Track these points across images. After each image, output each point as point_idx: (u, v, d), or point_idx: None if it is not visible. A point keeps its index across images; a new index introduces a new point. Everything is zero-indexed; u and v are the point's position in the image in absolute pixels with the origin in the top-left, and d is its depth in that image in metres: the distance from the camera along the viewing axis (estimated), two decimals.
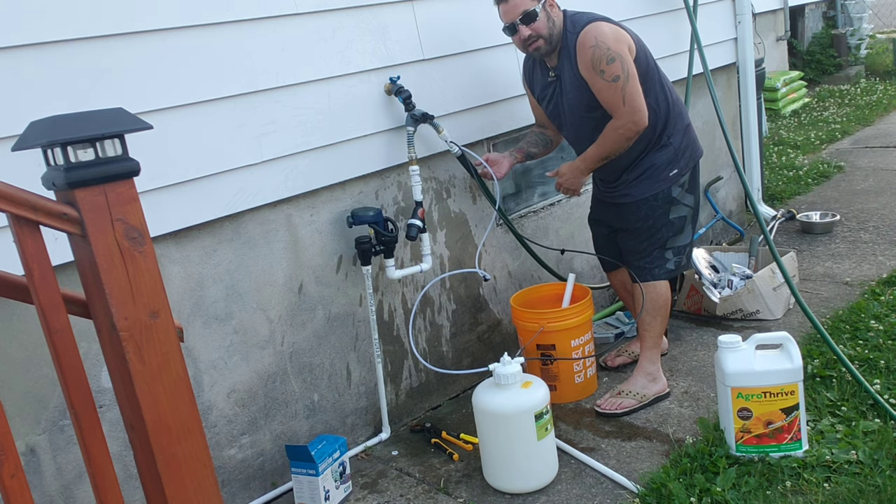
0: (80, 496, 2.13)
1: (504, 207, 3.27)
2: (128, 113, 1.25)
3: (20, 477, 1.21)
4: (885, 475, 2.18)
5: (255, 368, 2.48)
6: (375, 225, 2.61)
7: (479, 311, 3.18)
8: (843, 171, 5.65)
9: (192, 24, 2.21)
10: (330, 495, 2.42)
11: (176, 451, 1.32)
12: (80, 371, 1.27)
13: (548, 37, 2.57)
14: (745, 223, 4.76)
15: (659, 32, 3.74)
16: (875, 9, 11.63)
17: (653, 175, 2.71)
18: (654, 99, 2.62)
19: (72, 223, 1.21)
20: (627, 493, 2.33)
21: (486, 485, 2.45)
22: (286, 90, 2.44)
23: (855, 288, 3.57)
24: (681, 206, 2.76)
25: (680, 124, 2.73)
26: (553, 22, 2.57)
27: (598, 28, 2.51)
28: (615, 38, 2.50)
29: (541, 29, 2.55)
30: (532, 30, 2.55)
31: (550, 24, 2.56)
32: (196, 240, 2.32)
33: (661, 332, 2.88)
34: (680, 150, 2.72)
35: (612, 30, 2.53)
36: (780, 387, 2.31)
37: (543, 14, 2.55)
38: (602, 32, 2.50)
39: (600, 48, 2.47)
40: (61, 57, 1.98)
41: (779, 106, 7.93)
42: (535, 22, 2.54)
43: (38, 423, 2.05)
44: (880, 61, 9.98)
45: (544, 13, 2.55)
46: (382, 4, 2.67)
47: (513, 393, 2.36)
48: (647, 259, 2.79)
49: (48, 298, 1.23)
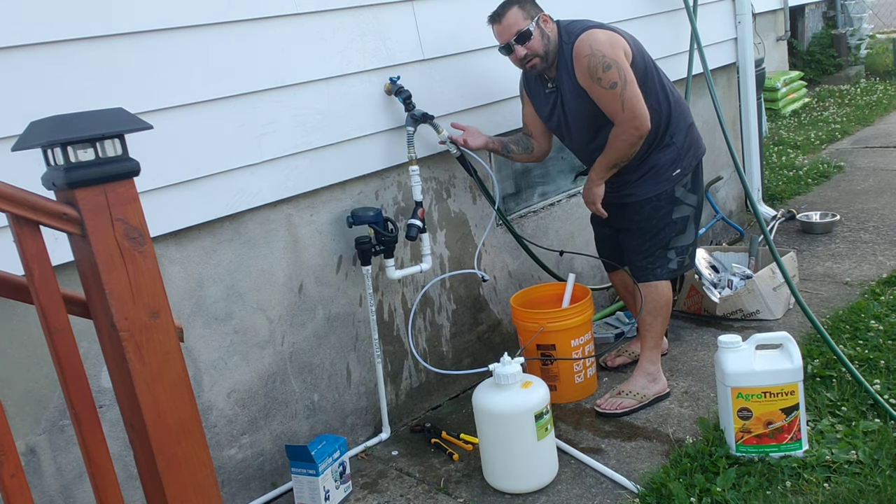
0: (80, 496, 2.13)
1: (504, 207, 3.28)
2: (128, 113, 1.25)
3: (20, 477, 1.21)
4: (885, 475, 2.18)
5: (255, 368, 2.48)
6: (375, 225, 2.61)
7: (479, 312, 3.18)
8: (843, 171, 5.65)
9: (193, 24, 2.21)
10: (330, 495, 2.42)
11: (176, 451, 1.32)
12: (80, 371, 1.27)
13: (543, 54, 2.58)
14: (745, 223, 4.76)
15: (659, 32, 3.74)
16: (875, 9, 11.63)
17: (656, 175, 2.71)
18: (654, 100, 2.62)
19: (72, 223, 1.21)
20: (627, 493, 2.33)
21: (486, 485, 2.45)
22: (286, 90, 2.44)
23: (855, 288, 3.57)
24: (684, 206, 2.76)
25: (682, 124, 2.73)
26: (548, 38, 2.57)
27: (593, 36, 2.50)
28: (610, 45, 2.49)
29: (536, 47, 2.56)
30: (527, 49, 2.56)
31: (545, 42, 2.56)
32: (196, 240, 2.32)
33: (661, 333, 2.88)
34: (683, 149, 2.72)
35: (607, 36, 2.52)
36: (780, 387, 2.31)
37: (538, 31, 2.55)
38: (597, 40, 2.49)
39: (596, 56, 2.47)
40: (61, 57, 1.98)
41: (779, 106, 7.94)
42: (529, 41, 2.55)
43: (38, 423, 2.05)
44: (880, 61, 9.98)
45: (538, 30, 2.55)
46: (382, 4, 2.67)
47: (513, 393, 2.36)
48: (649, 259, 2.79)
49: (48, 298, 1.22)
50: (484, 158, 2.98)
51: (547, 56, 2.59)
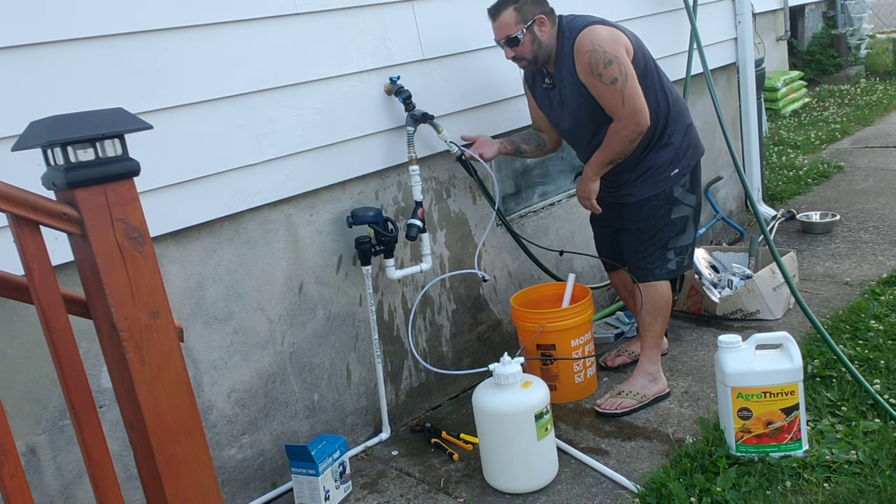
0: (80, 496, 2.13)
1: (504, 207, 3.28)
2: (128, 113, 1.25)
3: (20, 477, 1.21)
4: (885, 475, 2.18)
5: (255, 368, 2.48)
6: (375, 225, 2.61)
7: (479, 311, 3.18)
8: (843, 171, 5.65)
9: (193, 23, 2.21)
10: (330, 495, 2.42)
11: (176, 451, 1.32)
12: (80, 371, 1.27)
13: (532, 59, 2.60)
14: (745, 223, 4.76)
15: (659, 32, 3.74)
16: (875, 9, 11.63)
17: (654, 175, 2.71)
18: (653, 98, 2.62)
19: (72, 223, 1.21)
20: (627, 493, 2.33)
21: (486, 485, 2.45)
22: (286, 90, 2.44)
23: (855, 288, 3.57)
24: (682, 206, 2.76)
25: (681, 124, 2.73)
26: (539, 43, 2.57)
27: (595, 31, 2.50)
28: (612, 41, 2.49)
29: (524, 53, 2.59)
30: (515, 52, 2.59)
31: (535, 48, 2.58)
32: (196, 240, 2.32)
33: (661, 333, 2.88)
34: (681, 149, 2.72)
35: (609, 32, 2.52)
36: (780, 387, 2.31)
37: (528, 38, 2.56)
38: (598, 35, 2.49)
39: (597, 52, 2.47)
40: (61, 57, 1.98)
41: (779, 106, 7.94)
42: (517, 46, 2.57)
43: (38, 423, 2.05)
44: (880, 61, 9.98)
45: (529, 36, 2.56)
46: (382, 4, 2.67)
47: (513, 393, 2.36)
48: (648, 259, 2.79)
49: (48, 298, 1.22)
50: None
51: (536, 60, 2.61)
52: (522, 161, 3.34)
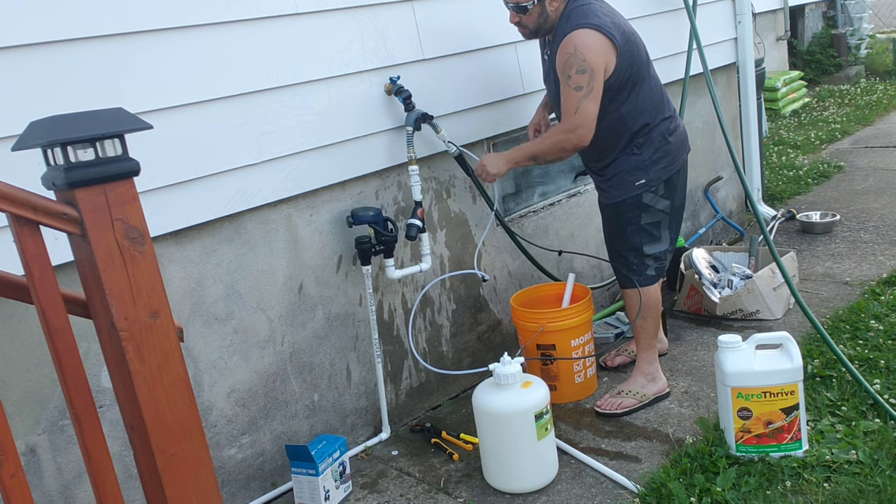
0: (80, 496, 2.13)
1: (504, 207, 3.28)
2: (128, 113, 1.25)
3: (20, 477, 1.21)
4: (885, 475, 2.18)
5: (255, 368, 2.48)
6: (375, 225, 2.61)
7: (479, 311, 3.18)
8: (843, 171, 5.65)
9: (193, 23, 2.21)
10: (330, 495, 2.42)
11: (176, 451, 1.32)
12: (80, 371, 1.27)
13: (533, 30, 2.64)
14: (745, 223, 4.76)
15: (659, 32, 3.73)
16: (875, 9, 11.62)
17: (621, 182, 2.70)
18: (631, 106, 2.59)
19: (72, 223, 1.21)
20: (627, 493, 2.33)
21: (486, 485, 2.45)
22: (286, 90, 2.44)
23: (855, 288, 3.57)
24: (654, 212, 2.71)
25: (657, 139, 2.66)
26: (545, 17, 2.58)
27: (584, 36, 2.47)
28: (595, 52, 2.46)
29: (528, 22, 2.62)
30: (520, 19, 2.62)
31: (541, 20, 2.59)
32: (196, 240, 2.32)
33: (654, 333, 2.87)
34: (650, 161, 2.66)
35: (597, 42, 2.47)
36: (780, 387, 2.31)
37: (536, 9, 2.57)
38: (584, 42, 2.47)
39: (577, 56, 2.46)
40: (61, 56, 1.97)
41: (779, 106, 7.93)
42: (524, 14, 2.59)
43: (38, 423, 2.05)
44: (880, 61, 9.98)
45: (538, 8, 2.56)
46: (382, 4, 2.67)
47: (513, 393, 2.36)
48: (624, 265, 2.79)
49: (48, 298, 1.22)
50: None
51: (537, 32, 2.65)
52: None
